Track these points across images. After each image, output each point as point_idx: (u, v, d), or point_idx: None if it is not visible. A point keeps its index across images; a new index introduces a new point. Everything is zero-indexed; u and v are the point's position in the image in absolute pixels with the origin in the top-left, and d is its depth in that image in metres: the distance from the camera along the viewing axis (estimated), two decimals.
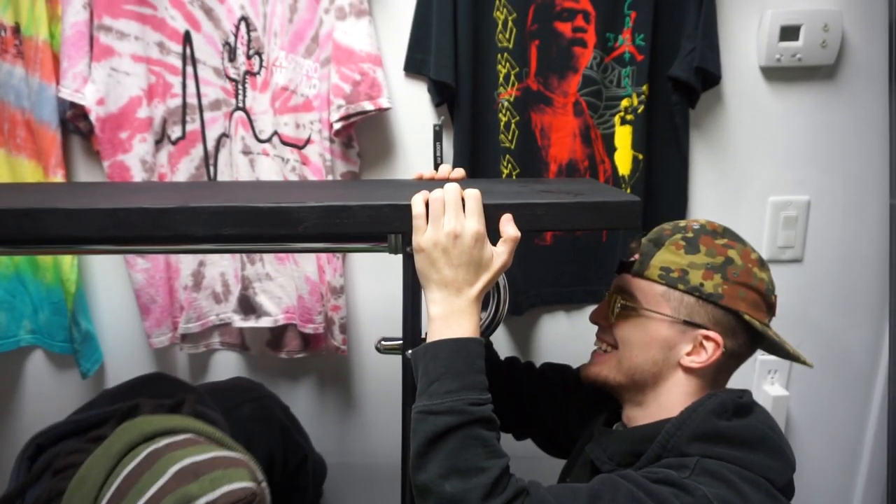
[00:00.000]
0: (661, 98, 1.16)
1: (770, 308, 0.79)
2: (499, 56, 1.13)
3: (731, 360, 0.79)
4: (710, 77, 1.14)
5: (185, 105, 1.14)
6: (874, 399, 1.33)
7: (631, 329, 0.80)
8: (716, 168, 1.23)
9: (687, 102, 1.16)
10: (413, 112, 1.18)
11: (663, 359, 0.78)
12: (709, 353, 0.76)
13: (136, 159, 1.11)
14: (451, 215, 0.72)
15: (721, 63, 1.14)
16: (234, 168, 1.15)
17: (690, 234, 0.80)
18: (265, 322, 1.18)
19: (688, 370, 0.78)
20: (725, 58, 1.16)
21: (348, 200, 0.75)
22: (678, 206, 1.22)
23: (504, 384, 0.95)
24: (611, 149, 1.18)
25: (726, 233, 0.81)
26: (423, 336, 0.87)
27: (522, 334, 1.30)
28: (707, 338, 0.76)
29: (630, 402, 0.82)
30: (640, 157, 1.16)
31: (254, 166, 1.15)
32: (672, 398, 0.78)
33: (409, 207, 0.74)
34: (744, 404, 0.76)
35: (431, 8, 1.11)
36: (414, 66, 1.15)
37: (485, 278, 0.73)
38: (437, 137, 1.15)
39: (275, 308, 1.19)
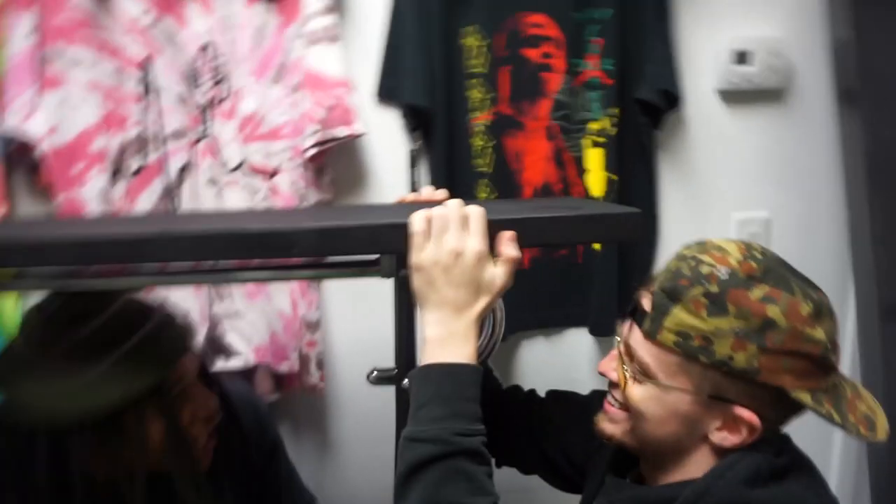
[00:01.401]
0: (630, 121, 1.19)
1: (828, 368, 0.64)
2: (471, 81, 1.13)
3: (777, 425, 0.67)
4: (671, 99, 1.17)
5: (144, 135, 1.08)
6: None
7: (644, 399, 0.67)
8: (682, 187, 1.27)
9: (653, 124, 1.20)
10: (384, 138, 1.16)
11: (686, 434, 0.66)
12: (743, 434, 0.64)
13: (93, 193, 1.03)
14: (453, 233, 0.70)
15: (682, 86, 1.19)
16: (199, 200, 1.09)
17: (715, 289, 0.62)
18: (235, 363, 1.11)
19: (719, 446, 0.66)
20: (686, 81, 1.20)
21: (340, 222, 0.71)
22: (649, 225, 1.24)
23: (504, 414, 0.91)
24: (582, 171, 1.20)
25: (768, 276, 0.63)
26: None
27: (500, 360, 1.27)
28: (740, 417, 0.63)
29: (648, 463, 0.73)
30: (614, 178, 1.17)
31: (221, 197, 1.09)
32: (698, 468, 0.67)
33: (407, 226, 0.71)
34: (781, 466, 0.64)
35: (403, 34, 1.10)
36: (385, 93, 1.13)
37: (485, 300, 0.71)
38: (414, 162, 1.14)
39: (245, 347, 1.12)
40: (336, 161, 1.14)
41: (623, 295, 1.21)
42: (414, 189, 1.14)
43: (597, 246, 1.19)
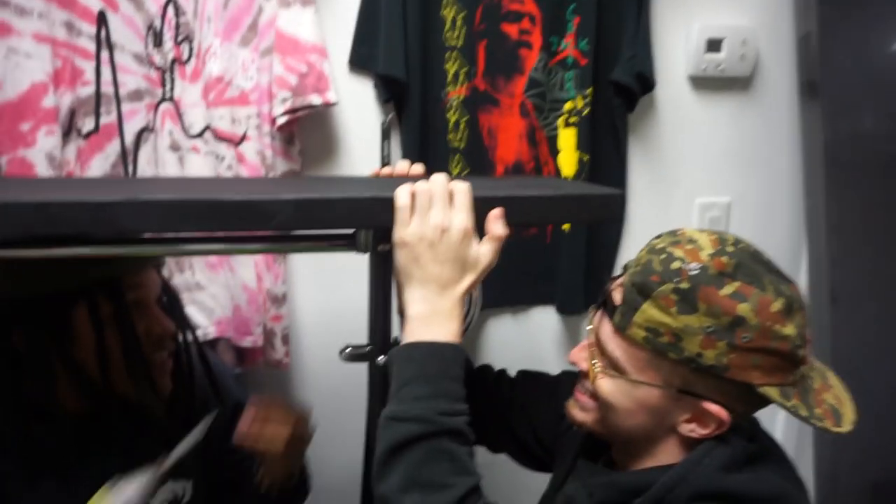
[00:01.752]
0: (604, 102, 1.19)
1: (797, 362, 0.63)
2: (447, 54, 1.11)
3: (746, 416, 0.67)
4: (646, 83, 1.18)
5: (98, 94, 1.01)
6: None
7: (613, 392, 0.67)
8: (649, 170, 1.28)
9: (626, 106, 1.20)
10: (357, 109, 1.13)
11: (655, 425, 0.67)
12: (711, 427, 0.64)
13: (42, 154, 0.96)
14: (438, 208, 0.68)
15: (655, 70, 1.19)
16: (159, 166, 1.04)
17: (686, 285, 0.61)
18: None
19: (688, 437, 0.66)
20: (658, 66, 1.21)
21: (322, 193, 0.69)
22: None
23: (475, 393, 0.90)
24: (554, 151, 1.20)
25: (739, 272, 0.62)
26: (393, 340, 0.82)
27: (468, 338, 1.27)
28: (709, 411, 0.63)
29: (619, 449, 0.74)
30: (586, 158, 1.18)
31: (183, 164, 1.04)
32: (669, 456, 0.67)
33: (392, 200, 0.69)
34: (754, 451, 0.65)
35: (379, 2, 1.06)
36: (360, 61, 1.09)
37: (470, 278, 0.70)
38: (386, 135, 1.11)
39: (204, 320, 1.08)
40: (306, 130, 1.10)
41: (589, 274, 1.23)
42: (385, 163, 1.11)
43: (566, 226, 1.20)
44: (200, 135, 1.04)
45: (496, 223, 0.70)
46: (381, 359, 0.77)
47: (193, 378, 0.84)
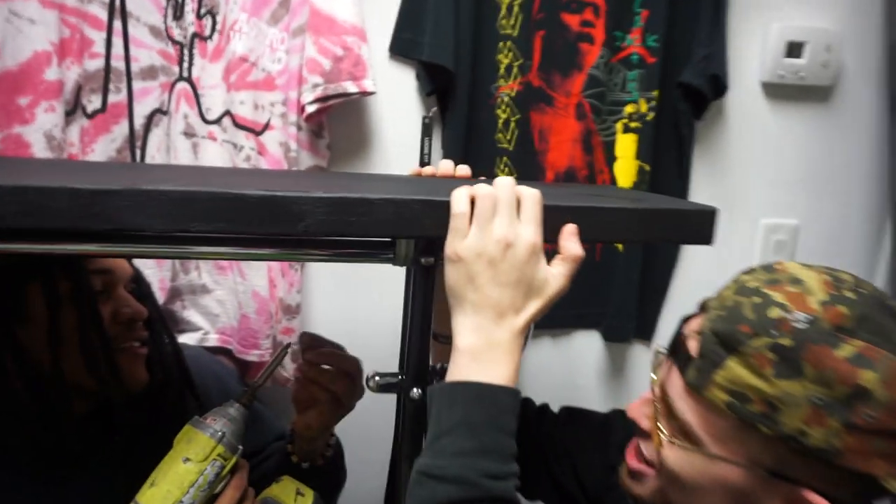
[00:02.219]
0: (669, 106, 1.06)
1: None
2: (501, 44, 0.99)
3: None
4: (719, 86, 1.05)
5: (108, 69, 0.89)
6: None
7: (682, 465, 0.54)
8: (711, 184, 1.16)
9: (694, 112, 1.08)
10: (396, 101, 1.01)
11: None
12: None
13: (40, 133, 0.85)
14: (503, 218, 0.56)
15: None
16: (171, 153, 0.92)
17: (788, 342, 0.48)
18: (188, 339, 0.95)
19: None
20: (729, 69, 1.08)
21: (360, 193, 0.56)
22: None
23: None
24: (611, 158, 1.07)
25: (863, 326, 0.49)
26: (434, 367, 0.70)
27: None
28: (807, 500, 0.50)
29: None
30: (647, 168, 1.05)
31: (196, 152, 0.92)
32: None
33: (446, 205, 0.56)
34: None
35: None
36: (402, 48, 0.98)
37: (535, 305, 0.57)
38: (427, 132, 0.99)
39: (206, 324, 0.96)
40: (336, 122, 0.98)
41: (643, 299, 1.10)
42: (425, 163, 0.99)
43: (619, 245, 1.07)
44: (218, 121, 0.92)
45: (571, 240, 0.58)
46: (415, 392, 0.65)
47: (172, 370, 0.76)
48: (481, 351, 0.55)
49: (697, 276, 1.15)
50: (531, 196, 0.57)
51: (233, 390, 0.82)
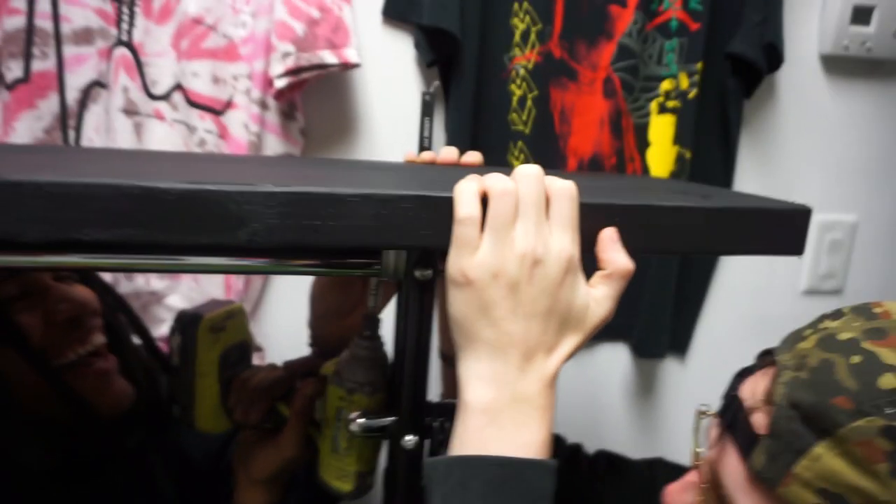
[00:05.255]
0: (715, 82, 0.89)
1: None
2: (516, 6, 0.81)
3: None
4: (776, 58, 0.88)
5: (31, 29, 0.72)
6: None
7: None
8: (759, 175, 0.99)
9: (744, 89, 0.90)
10: (388, 74, 0.84)
11: None
12: None
13: None
14: (529, 225, 0.40)
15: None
16: (109, 135, 0.75)
17: None
18: None
19: None
20: (784, 38, 0.91)
21: (328, 186, 0.40)
22: None
23: None
24: (643, 143, 0.90)
25: None
26: (441, 403, 0.54)
27: None
28: None
29: None
30: (688, 155, 0.88)
31: (140, 134, 0.75)
32: None
33: (447, 204, 0.40)
34: None
35: None
36: (397, 9, 0.80)
37: (573, 341, 0.42)
38: (427, 111, 0.81)
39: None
40: (313, 101, 0.81)
41: (677, 308, 0.94)
42: (424, 147, 0.82)
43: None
44: (167, 96, 0.75)
45: (616, 250, 0.42)
46: (408, 440, 0.50)
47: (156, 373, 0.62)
48: (502, 409, 0.39)
49: (735, 283, 1.00)
50: (565, 192, 0.40)
51: None
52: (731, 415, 0.42)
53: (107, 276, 0.77)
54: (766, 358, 0.44)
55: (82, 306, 0.54)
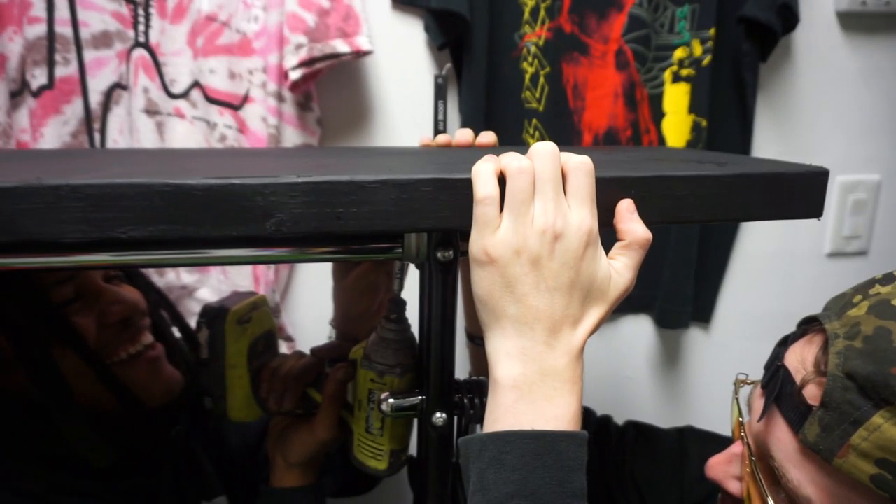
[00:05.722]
0: (729, 47, 0.88)
1: None
2: None
3: None
4: (790, 18, 0.87)
5: (52, 36, 0.74)
6: None
7: None
8: (778, 137, 0.98)
9: (758, 54, 0.89)
10: (399, 60, 0.84)
11: None
12: None
13: None
14: (547, 201, 0.40)
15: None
16: (133, 135, 0.77)
17: None
18: None
19: None
20: None
21: (349, 174, 0.41)
22: None
23: None
24: (658, 114, 0.90)
25: None
26: (463, 382, 0.56)
27: None
28: None
29: None
30: (704, 123, 0.87)
31: (162, 133, 0.77)
32: None
33: (466, 185, 0.41)
34: None
35: None
36: None
37: (597, 312, 0.42)
38: (440, 94, 0.82)
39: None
40: (328, 90, 0.82)
41: (699, 276, 0.94)
42: (439, 129, 0.83)
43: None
44: (186, 94, 0.77)
45: (633, 220, 0.42)
46: (438, 417, 0.52)
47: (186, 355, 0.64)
48: (531, 383, 0.40)
49: (757, 249, 0.99)
50: (581, 166, 0.41)
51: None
52: (778, 385, 0.42)
53: None
54: (811, 325, 0.43)
55: (133, 307, 0.56)
